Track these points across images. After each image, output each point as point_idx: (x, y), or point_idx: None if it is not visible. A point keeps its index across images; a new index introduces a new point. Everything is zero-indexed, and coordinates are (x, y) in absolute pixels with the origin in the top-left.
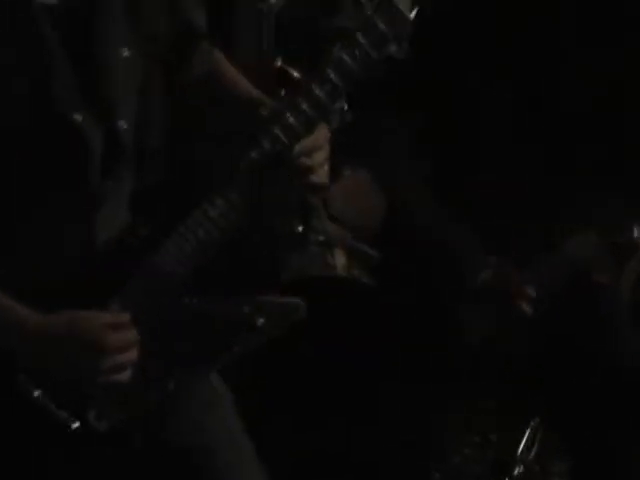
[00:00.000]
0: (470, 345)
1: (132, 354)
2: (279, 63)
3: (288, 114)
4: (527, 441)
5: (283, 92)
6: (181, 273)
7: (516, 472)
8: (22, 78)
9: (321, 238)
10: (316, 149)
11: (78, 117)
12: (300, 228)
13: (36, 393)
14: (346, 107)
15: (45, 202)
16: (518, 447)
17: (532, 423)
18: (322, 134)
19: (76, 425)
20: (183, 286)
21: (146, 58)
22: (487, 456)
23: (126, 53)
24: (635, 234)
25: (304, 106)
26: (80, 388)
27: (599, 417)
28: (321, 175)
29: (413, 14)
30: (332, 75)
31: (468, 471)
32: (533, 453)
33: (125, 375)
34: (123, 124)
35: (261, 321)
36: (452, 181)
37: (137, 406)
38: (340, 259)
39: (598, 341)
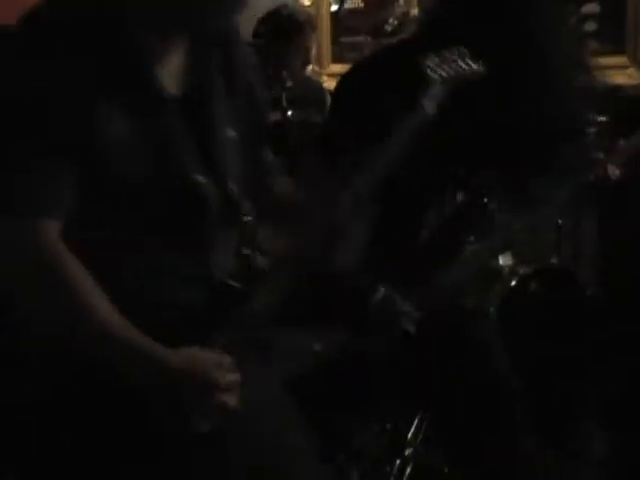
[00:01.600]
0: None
1: (235, 393)
2: None
3: None
4: (415, 429)
5: None
6: (271, 314)
7: (406, 453)
8: (159, 147)
9: None
10: None
11: (201, 179)
12: None
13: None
14: None
15: (171, 246)
16: (408, 434)
17: (418, 416)
18: None
19: (205, 428)
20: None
21: (245, 137)
22: (383, 441)
23: (231, 133)
24: (500, 262)
25: None
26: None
27: (468, 413)
28: None
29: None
30: None
31: (368, 452)
32: (419, 439)
33: (232, 404)
34: (233, 186)
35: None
36: None
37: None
38: None
39: (468, 354)
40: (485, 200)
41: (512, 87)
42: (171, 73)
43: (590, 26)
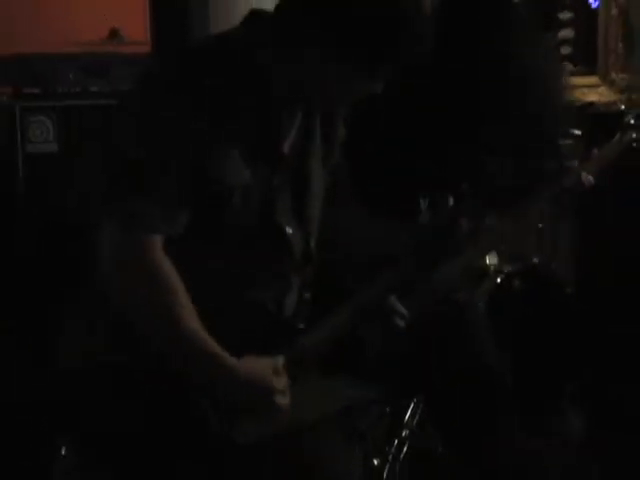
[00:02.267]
0: (369, 351)
1: (286, 394)
2: None
3: None
4: (411, 412)
5: None
6: (324, 345)
7: (403, 434)
8: (266, 197)
9: None
10: None
11: (289, 229)
12: None
13: (212, 414)
14: None
15: (256, 282)
16: (405, 417)
17: (414, 400)
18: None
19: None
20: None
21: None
22: (383, 423)
23: (318, 191)
24: (487, 261)
25: None
26: (243, 412)
27: (459, 397)
28: None
29: None
30: None
31: (369, 434)
32: (415, 421)
33: (283, 404)
34: (312, 239)
35: None
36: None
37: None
38: None
39: (461, 343)
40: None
41: (494, 108)
42: (289, 140)
43: (565, 50)
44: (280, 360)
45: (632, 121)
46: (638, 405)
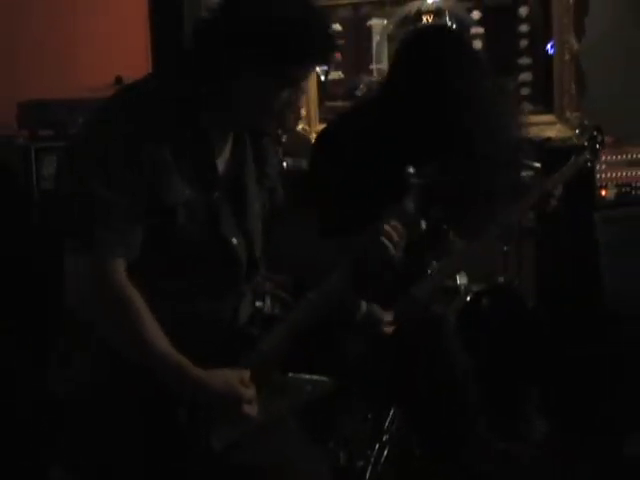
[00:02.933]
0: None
1: (254, 402)
2: None
3: None
4: (391, 419)
5: None
6: (275, 353)
7: (384, 438)
8: (210, 213)
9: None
10: None
11: (235, 241)
12: None
13: (185, 421)
14: None
15: (211, 294)
16: (385, 422)
17: (393, 408)
18: None
19: (218, 445)
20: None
21: (263, 213)
22: (365, 428)
23: (257, 206)
24: (457, 281)
25: None
26: (215, 420)
27: (434, 404)
28: None
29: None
30: None
31: (354, 439)
32: (394, 426)
33: (251, 412)
34: (256, 248)
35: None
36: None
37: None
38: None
39: (437, 354)
40: (444, 228)
41: (457, 148)
42: (222, 158)
43: (525, 91)
44: (246, 371)
45: (585, 144)
46: (594, 408)
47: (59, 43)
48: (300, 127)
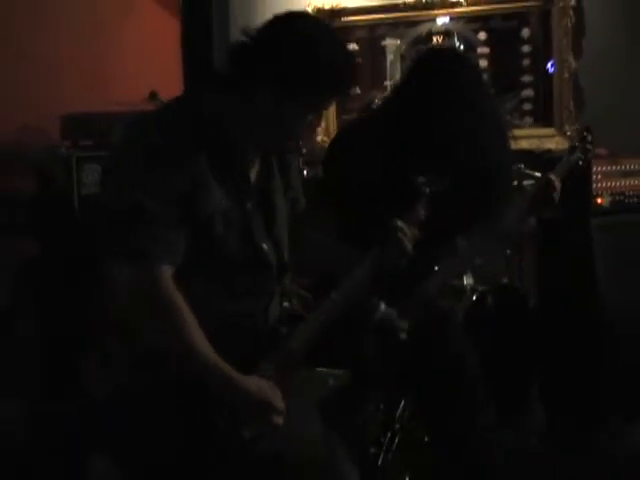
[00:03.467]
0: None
1: (282, 415)
2: None
3: None
4: (401, 410)
5: None
6: (304, 350)
7: (396, 427)
8: (243, 220)
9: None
10: None
11: (265, 246)
12: None
13: (220, 413)
14: None
15: (245, 297)
16: (396, 412)
17: (404, 399)
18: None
19: (249, 436)
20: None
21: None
22: (378, 418)
23: (284, 213)
24: (464, 282)
25: None
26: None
27: (443, 394)
28: None
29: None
30: None
31: (366, 428)
32: (405, 416)
33: (279, 410)
34: (284, 253)
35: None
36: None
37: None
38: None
39: (446, 347)
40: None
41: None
42: (253, 171)
43: (527, 106)
44: (278, 389)
45: (577, 144)
46: (590, 399)
47: (99, 61)
48: (319, 138)
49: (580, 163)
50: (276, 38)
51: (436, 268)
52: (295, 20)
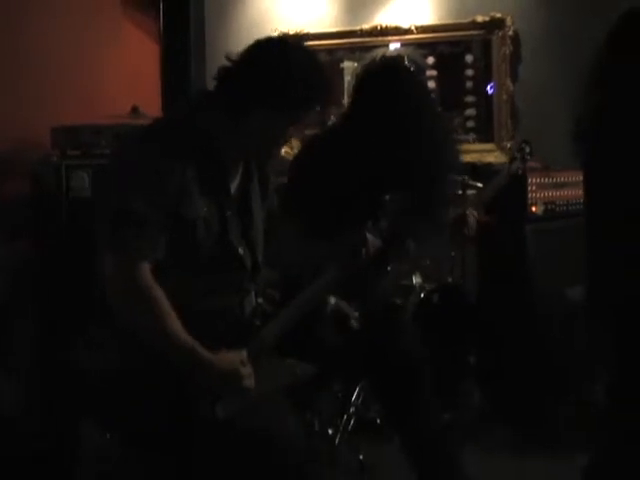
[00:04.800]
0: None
1: (251, 378)
2: None
3: None
4: (357, 394)
5: None
6: (277, 338)
7: (351, 410)
8: (222, 225)
9: None
10: None
11: (241, 250)
12: None
13: (196, 395)
14: None
15: (221, 293)
16: (352, 397)
17: (359, 385)
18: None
19: (220, 414)
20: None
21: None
22: (335, 402)
23: (260, 221)
24: (413, 281)
25: None
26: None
27: (394, 382)
28: None
29: None
30: None
31: (325, 411)
32: (360, 400)
33: (250, 386)
34: (259, 256)
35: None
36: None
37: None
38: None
39: (395, 340)
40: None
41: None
42: (235, 179)
43: (470, 124)
44: (244, 353)
45: (516, 154)
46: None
47: (86, 80)
48: (283, 151)
49: (519, 172)
50: (259, 60)
51: (389, 268)
52: (276, 44)
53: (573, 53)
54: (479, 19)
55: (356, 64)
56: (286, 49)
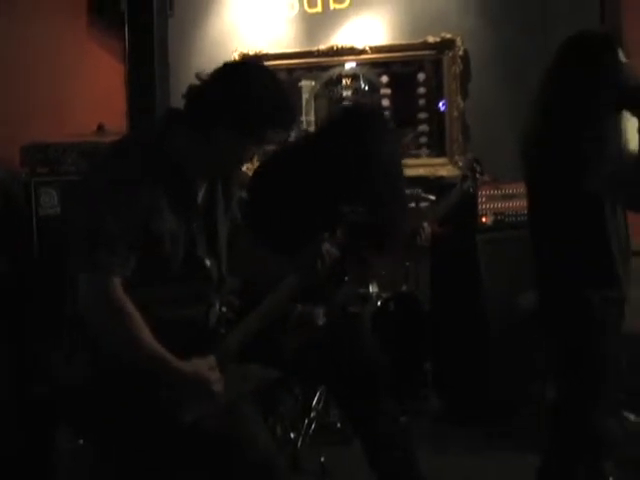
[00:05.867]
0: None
1: (220, 383)
2: None
3: None
4: (317, 399)
5: None
6: (240, 344)
7: (312, 415)
8: (188, 238)
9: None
10: None
11: (207, 262)
12: None
13: (169, 402)
14: None
15: (188, 304)
16: (313, 402)
17: (319, 389)
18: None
19: (189, 417)
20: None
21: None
22: (297, 407)
23: (224, 232)
24: (370, 290)
25: None
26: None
27: (352, 387)
28: None
29: None
30: None
31: (287, 415)
32: (321, 404)
33: (218, 390)
34: (223, 267)
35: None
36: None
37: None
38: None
39: (353, 347)
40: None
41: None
42: (200, 195)
43: (423, 139)
44: (212, 359)
45: (468, 173)
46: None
47: (54, 100)
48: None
49: (471, 190)
50: (225, 82)
51: (346, 278)
52: (242, 67)
53: (520, 71)
54: (430, 40)
55: (313, 83)
56: (251, 73)
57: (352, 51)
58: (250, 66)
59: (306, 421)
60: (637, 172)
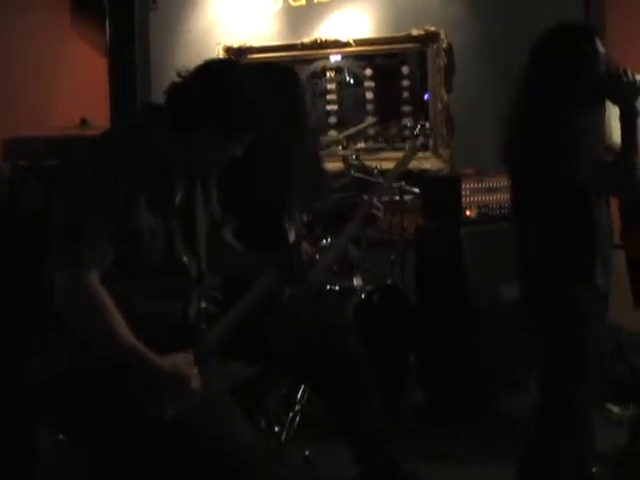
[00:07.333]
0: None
1: (198, 379)
2: None
3: None
4: (301, 393)
5: None
6: (220, 340)
7: (296, 408)
8: (166, 235)
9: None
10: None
11: (185, 259)
12: None
13: (147, 398)
14: None
15: (166, 299)
16: (297, 396)
17: (303, 384)
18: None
19: (170, 414)
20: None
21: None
22: (281, 401)
23: (203, 230)
24: (354, 283)
25: None
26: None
27: (336, 381)
28: None
29: None
30: None
31: (271, 409)
32: (304, 399)
33: (196, 386)
34: (203, 264)
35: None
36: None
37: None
38: None
39: (336, 342)
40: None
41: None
42: (179, 192)
43: (407, 132)
44: (190, 355)
45: (417, 132)
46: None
47: (36, 94)
48: None
49: (421, 150)
50: (205, 81)
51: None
52: (222, 66)
53: (504, 64)
54: (414, 32)
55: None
56: (232, 72)
57: (336, 44)
58: (230, 65)
59: (290, 415)
60: (620, 162)
